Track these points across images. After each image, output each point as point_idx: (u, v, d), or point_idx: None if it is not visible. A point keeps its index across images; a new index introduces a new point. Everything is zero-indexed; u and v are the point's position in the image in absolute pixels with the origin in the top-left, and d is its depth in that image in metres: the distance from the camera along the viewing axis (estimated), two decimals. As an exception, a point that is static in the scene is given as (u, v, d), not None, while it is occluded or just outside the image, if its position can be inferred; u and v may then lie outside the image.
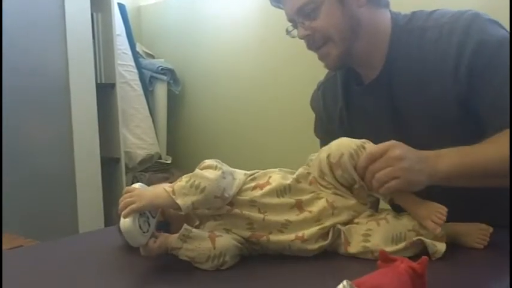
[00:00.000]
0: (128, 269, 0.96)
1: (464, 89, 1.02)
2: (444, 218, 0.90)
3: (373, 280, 0.69)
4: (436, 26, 1.06)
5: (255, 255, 0.96)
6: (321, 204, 0.96)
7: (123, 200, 0.90)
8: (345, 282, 0.65)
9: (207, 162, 0.97)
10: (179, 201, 0.89)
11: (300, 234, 0.94)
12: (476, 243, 0.96)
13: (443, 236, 0.93)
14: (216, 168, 0.94)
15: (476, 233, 0.96)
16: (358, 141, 0.96)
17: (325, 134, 1.30)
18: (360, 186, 0.96)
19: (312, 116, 1.33)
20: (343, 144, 0.96)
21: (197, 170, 0.95)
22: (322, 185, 0.98)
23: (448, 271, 0.87)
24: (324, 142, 1.31)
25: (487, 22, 1.04)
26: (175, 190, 0.90)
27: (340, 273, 0.86)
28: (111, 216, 2.34)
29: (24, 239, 1.92)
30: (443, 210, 0.90)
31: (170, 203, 0.90)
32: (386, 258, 0.77)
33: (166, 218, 0.98)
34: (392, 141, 0.95)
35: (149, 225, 0.91)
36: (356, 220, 0.96)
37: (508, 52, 1.00)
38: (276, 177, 0.99)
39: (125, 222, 0.88)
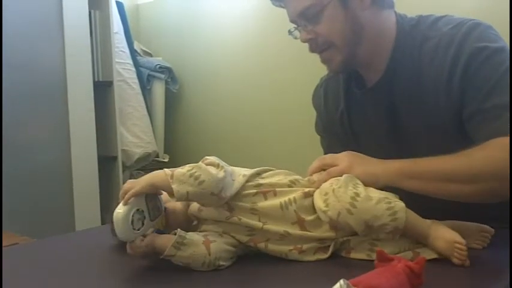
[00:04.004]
0: (124, 267, 0.95)
1: (458, 100, 0.99)
2: (466, 253, 0.87)
3: (370, 279, 0.69)
4: (436, 36, 1.03)
5: (252, 255, 0.96)
6: (324, 228, 0.94)
7: (123, 188, 0.90)
8: (341, 281, 0.65)
9: (210, 158, 0.95)
10: (175, 186, 0.88)
11: (298, 245, 0.93)
12: (475, 244, 0.95)
13: None
14: (218, 167, 0.92)
15: (477, 234, 0.96)
16: (351, 191, 0.90)
17: (326, 132, 1.29)
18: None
19: (311, 113, 1.32)
20: (340, 200, 0.90)
21: (201, 163, 0.93)
22: None
23: (446, 271, 0.86)
24: (325, 139, 1.31)
25: (485, 32, 1.00)
26: (174, 175, 0.90)
27: (337, 272, 0.86)
28: (107, 215, 2.33)
29: (19, 236, 1.92)
30: (462, 244, 0.87)
31: (166, 185, 0.89)
32: (383, 258, 0.77)
33: (167, 227, 0.97)
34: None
35: (143, 224, 0.90)
36: None
37: (504, 61, 0.97)
38: (282, 191, 0.96)
39: (118, 213, 0.87)
